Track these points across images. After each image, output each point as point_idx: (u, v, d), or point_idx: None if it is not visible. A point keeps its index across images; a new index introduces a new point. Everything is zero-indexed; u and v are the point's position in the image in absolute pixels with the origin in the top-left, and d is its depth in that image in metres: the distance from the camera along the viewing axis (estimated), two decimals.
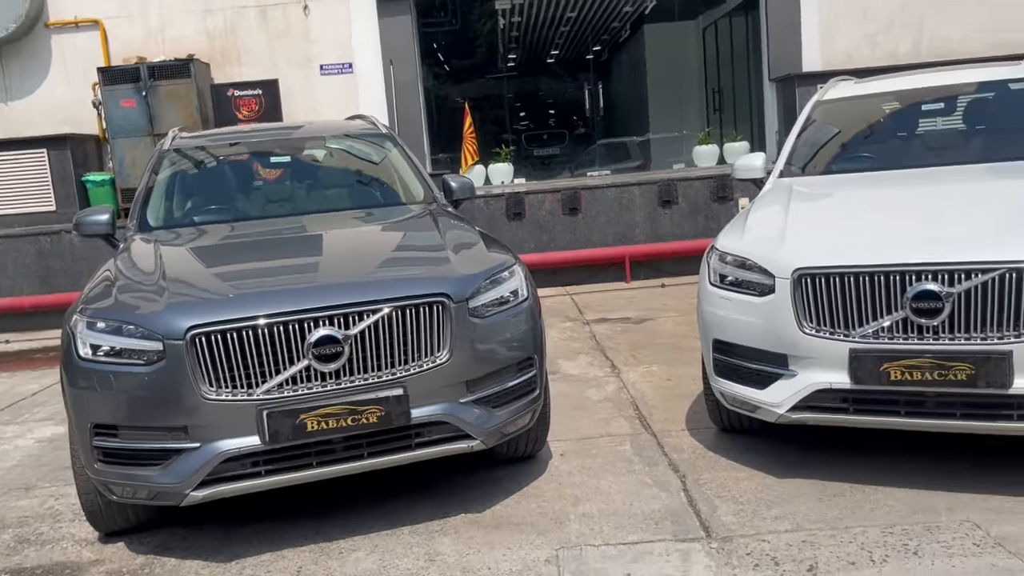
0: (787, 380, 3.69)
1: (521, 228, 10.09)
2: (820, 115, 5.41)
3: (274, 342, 3.28)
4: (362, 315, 3.35)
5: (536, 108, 19.23)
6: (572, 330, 7.53)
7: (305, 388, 3.31)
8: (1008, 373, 3.24)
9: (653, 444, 4.46)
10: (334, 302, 3.33)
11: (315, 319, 3.31)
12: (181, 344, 3.24)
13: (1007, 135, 4.86)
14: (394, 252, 4.00)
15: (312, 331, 3.30)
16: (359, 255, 3.92)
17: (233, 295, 3.45)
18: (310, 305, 3.32)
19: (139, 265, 3.92)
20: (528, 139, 17.92)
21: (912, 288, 3.37)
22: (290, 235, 4.37)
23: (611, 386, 5.63)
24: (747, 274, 3.87)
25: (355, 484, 3.90)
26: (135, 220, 4.61)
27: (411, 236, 4.30)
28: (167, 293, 3.47)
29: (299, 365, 3.30)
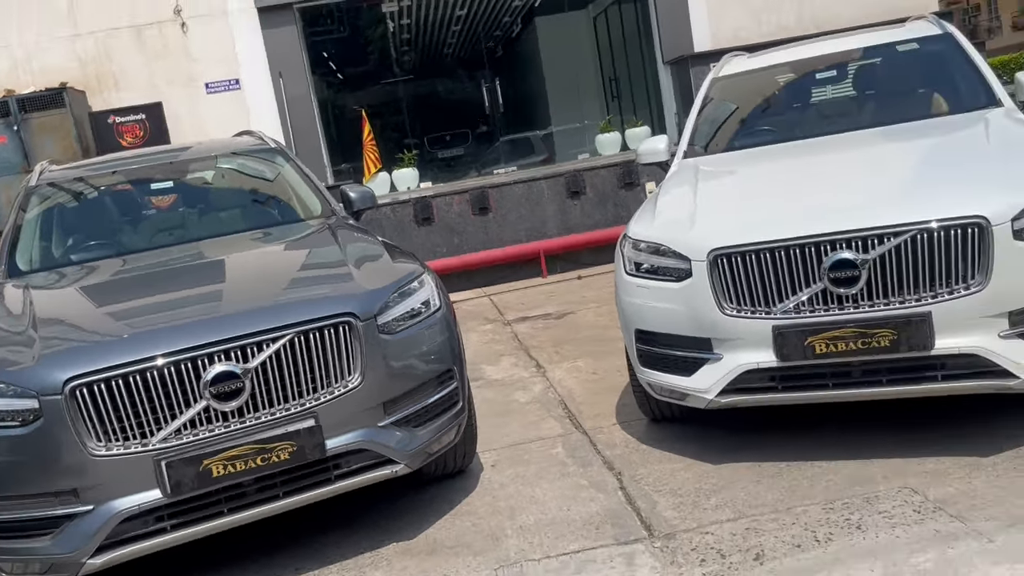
0: (713, 364, 3.60)
1: (432, 233, 9.87)
2: (717, 92, 5.38)
3: (166, 384, 3.01)
4: (261, 345, 3.10)
5: (436, 110, 18.97)
6: (493, 332, 7.36)
7: (206, 431, 3.04)
8: (929, 334, 3.21)
9: (585, 443, 4.33)
10: (228, 335, 3.07)
11: (209, 355, 3.04)
12: (59, 399, 2.93)
13: (898, 97, 4.92)
14: (292, 273, 3.73)
15: (207, 368, 3.03)
16: (254, 280, 3.65)
17: (113, 338, 3.15)
18: (201, 340, 3.05)
19: (6, 314, 3.56)
20: (431, 142, 17.64)
21: (828, 258, 3.31)
22: (176, 265, 4.05)
23: (538, 386, 5.48)
24: (662, 260, 3.76)
25: (277, 523, 3.64)
26: (2, 266, 4.21)
27: (310, 254, 4.05)
28: (38, 342, 3.14)
29: (197, 407, 3.03)
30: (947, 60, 4.77)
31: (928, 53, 4.88)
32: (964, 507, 3.05)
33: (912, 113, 4.58)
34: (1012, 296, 3.19)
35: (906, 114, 4.56)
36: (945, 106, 4.58)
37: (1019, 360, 3.20)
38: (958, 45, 4.79)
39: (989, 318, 3.20)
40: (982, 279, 3.18)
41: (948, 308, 3.20)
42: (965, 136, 3.97)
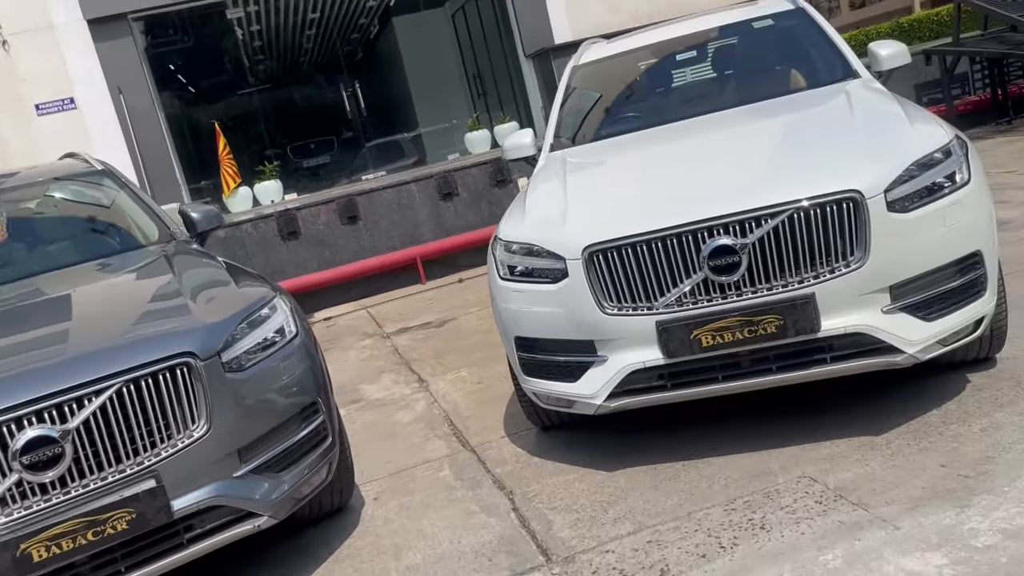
0: (599, 367, 3.38)
1: (299, 247, 9.36)
2: (579, 81, 5.19)
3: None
4: (81, 401, 2.66)
5: (298, 118, 18.27)
6: (372, 347, 6.98)
7: (21, 508, 2.58)
8: (815, 317, 3.09)
9: (474, 462, 4.04)
10: (39, 392, 2.62)
11: (17, 419, 2.58)
12: None
13: (758, 75, 4.85)
14: (118, 312, 3.21)
15: (16, 435, 2.56)
16: (73, 324, 3.16)
17: None
18: (7, 403, 2.58)
19: None
20: (294, 151, 16.96)
21: (706, 246, 3.14)
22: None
23: (421, 403, 5.16)
24: (536, 261, 3.52)
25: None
26: None
27: (139, 288, 3.56)
28: None
29: (7, 481, 2.56)
30: (802, 35, 4.74)
31: (783, 29, 4.84)
32: (865, 492, 2.94)
33: (773, 90, 4.50)
34: (892, 270, 3.10)
35: (768, 91, 4.48)
36: (805, 81, 4.53)
37: (903, 335, 3.12)
38: (811, 19, 4.76)
39: (871, 294, 3.11)
40: (861, 255, 3.08)
41: (831, 288, 3.08)
42: (830, 110, 3.90)
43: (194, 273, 3.50)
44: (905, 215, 3.11)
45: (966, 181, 3.23)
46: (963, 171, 3.25)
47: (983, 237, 3.24)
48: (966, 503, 2.74)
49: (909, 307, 3.14)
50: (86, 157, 4.81)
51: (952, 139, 3.33)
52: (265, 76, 18.30)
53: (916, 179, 3.17)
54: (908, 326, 3.13)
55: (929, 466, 3.02)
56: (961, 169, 3.25)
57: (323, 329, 8.29)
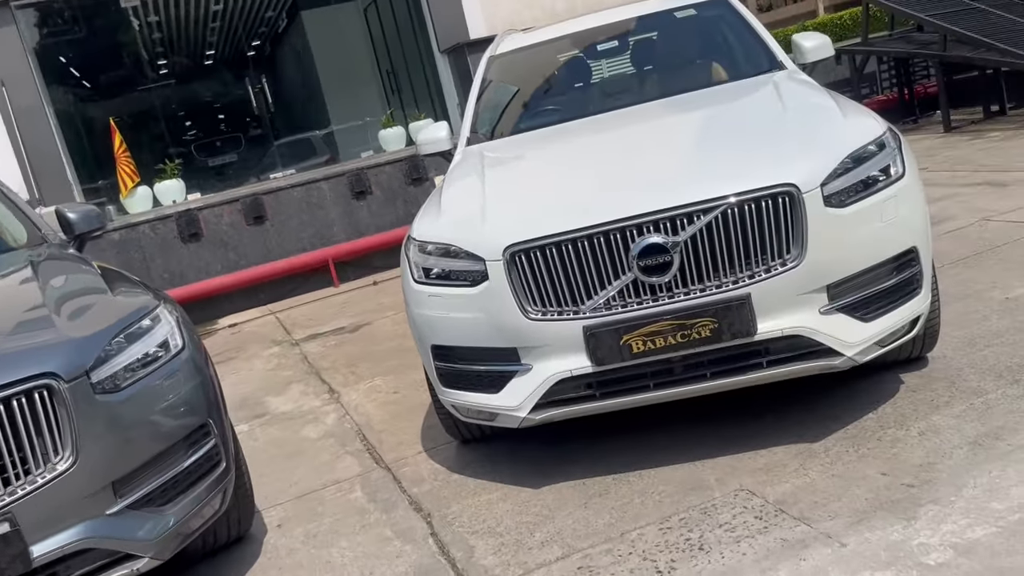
0: (522, 377, 3.12)
1: (202, 249, 8.83)
2: (496, 72, 4.93)
3: None
4: None
5: (203, 115, 17.46)
6: (280, 356, 6.57)
7: None
8: (750, 319, 2.90)
9: (388, 481, 3.73)
10: None
11: None
12: None
13: (682, 66, 4.69)
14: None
15: None
16: None
17: None
18: None
19: None
20: (199, 149, 16.20)
21: (636, 244, 2.92)
22: None
23: (331, 416, 4.81)
24: (454, 263, 3.23)
25: None
26: None
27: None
28: None
29: None
30: (726, 25, 4.59)
31: (706, 19, 4.68)
32: (806, 505, 2.76)
33: (699, 81, 4.34)
34: (829, 268, 2.94)
35: (693, 82, 4.31)
36: (730, 72, 4.37)
37: (841, 336, 2.96)
38: (734, 10, 4.61)
39: (809, 294, 2.94)
40: (798, 253, 2.90)
41: (767, 288, 2.90)
42: (759, 101, 3.74)
43: (63, 281, 3.08)
44: (841, 210, 2.95)
45: (901, 174, 3.10)
46: (898, 164, 3.12)
47: (919, 233, 3.12)
48: (912, 515, 2.58)
49: (847, 307, 2.99)
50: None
51: (885, 131, 3.19)
52: (167, 71, 17.43)
53: (851, 172, 3.02)
54: (846, 327, 2.97)
55: (870, 474, 2.86)
56: (895, 162, 3.12)
57: (227, 337, 7.81)
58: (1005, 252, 4.83)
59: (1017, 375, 3.30)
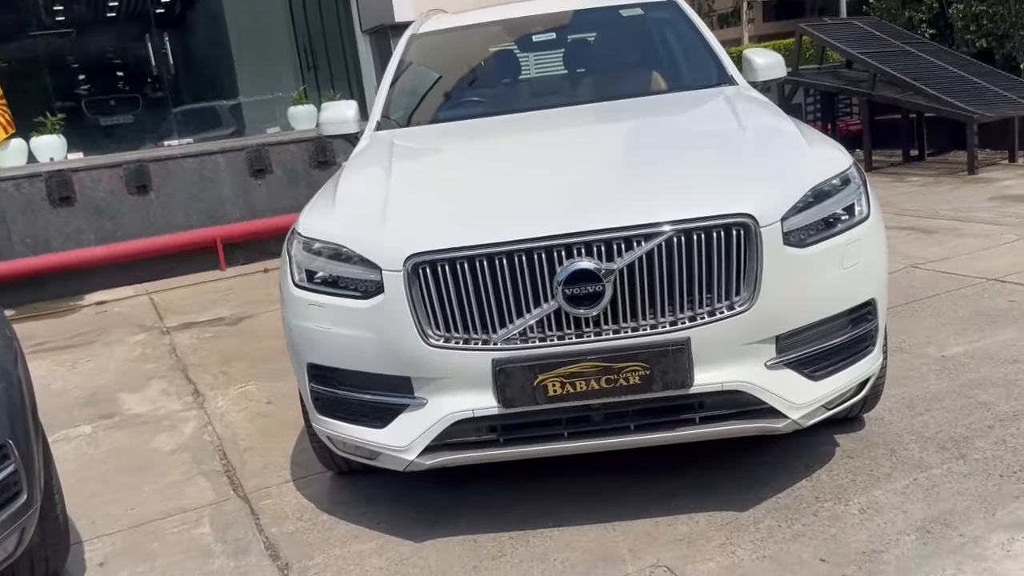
0: (414, 412, 2.61)
1: (73, 216, 7.94)
2: (417, 53, 4.40)
3: None
4: None
5: (99, 70, 16.16)
6: (146, 344, 5.84)
7: None
8: (687, 368, 2.46)
9: (244, 515, 3.15)
10: None
11: None
12: None
13: (625, 68, 4.25)
14: None
15: None
16: None
17: None
18: None
19: None
20: (90, 106, 14.95)
21: (563, 268, 2.44)
22: None
23: (191, 425, 4.17)
24: (344, 268, 2.69)
25: None
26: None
27: None
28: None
29: None
30: (674, 30, 4.18)
31: (653, 20, 4.27)
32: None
33: (640, 87, 3.92)
34: (781, 316, 2.54)
35: (634, 88, 3.89)
36: (674, 81, 3.97)
37: (787, 396, 2.56)
38: (684, 14, 4.21)
39: (755, 344, 2.53)
40: (748, 296, 2.49)
41: (709, 333, 2.48)
42: (712, 117, 3.33)
43: None
44: (801, 250, 2.55)
45: (865, 215, 2.72)
46: (863, 203, 2.75)
47: (878, 283, 2.76)
48: None
49: (796, 363, 2.59)
50: None
51: (851, 165, 2.82)
52: (64, 19, 16.06)
53: (813, 208, 2.62)
54: (793, 385, 2.58)
55: (806, 559, 2.47)
56: (860, 201, 2.74)
57: (91, 316, 6.99)
58: (936, 305, 4.59)
59: (962, 448, 2.99)
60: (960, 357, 3.81)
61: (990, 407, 3.28)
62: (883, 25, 10.77)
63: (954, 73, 9.17)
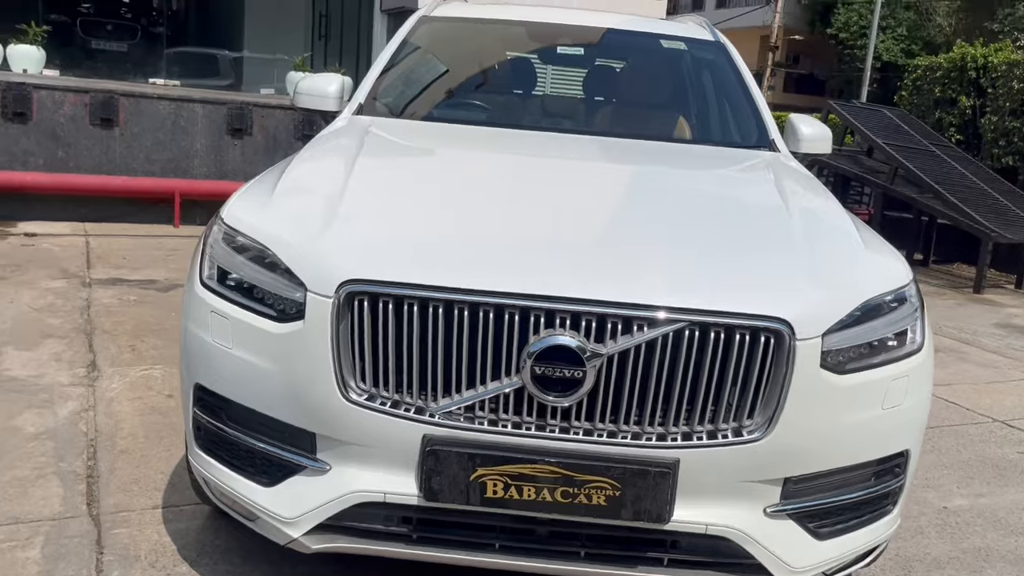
0: (312, 478, 2.03)
1: (25, 135, 7.25)
2: (424, 38, 3.83)
3: None
4: None
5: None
6: (59, 294, 5.18)
7: None
8: (668, 498, 1.91)
9: (87, 545, 2.54)
10: None
11: None
12: None
13: (658, 106, 3.71)
14: None
15: None
16: None
17: None
18: None
19: None
20: (86, 26, 14.20)
21: (539, 339, 1.88)
22: None
23: (71, 405, 3.54)
24: (263, 276, 2.10)
25: None
26: None
27: None
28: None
29: None
30: (718, 75, 3.64)
31: (696, 60, 3.73)
32: None
33: (670, 130, 3.38)
34: (798, 454, 1.99)
35: (663, 129, 3.35)
36: (708, 132, 3.45)
37: (783, 555, 2.01)
38: (731, 59, 3.68)
39: (758, 483, 1.98)
40: (763, 421, 1.94)
41: (704, 458, 1.93)
42: (752, 188, 2.78)
43: None
44: (840, 377, 2.01)
45: (918, 347, 2.19)
46: (916, 331, 2.21)
47: (917, 432, 2.23)
48: None
49: (801, 514, 2.05)
50: None
51: (911, 281, 2.28)
52: None
53: (861, 327, 2.08)
54: (793, 543, 2.03)
55: None
56: (915, 328, 2.21)
57: (15, 248, 6.30)
58: (937, 439, 4.10)
59: None
60: (965, 514, 3.30)
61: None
62: (911, 120, 10.40)
63: (976, 185, 8.79)
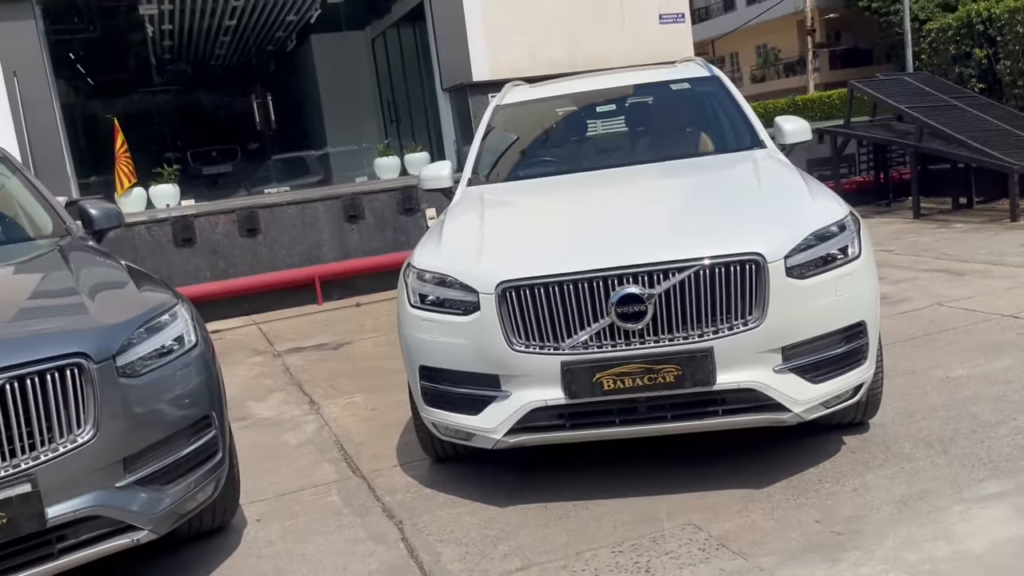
0: (501, 402, 3.42)
1: (194, 255, 9.07)
2: (500, 120, 5.29)
3: None
4: None
5: (202, 123, 17.76)
6: (262, 365, 6.80)
7: None
8: (711, 370, 3.22)
9: (364, 489, 3.99)
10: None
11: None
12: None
13: (670, 134, 5.08)
14: (9, 304, 3.08)
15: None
16: None
17: None
18: None
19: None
20: (195, 157, 16.43)
21: (615, 293, 3.24)
22: None
23: (311, 426, 5.06)
24: (449, 292, 3.54)
25: None
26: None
27: (30, 281, 3.38)
28: None
29: None
30: (716, 101, 4.99)
31: (698, 94, 5.09)
32: (745, 543, 3.07)
33: (685, 150, 4.73)
34: (785, 332, 3.28)
35: (680, 151, 4.70)
36: (714, 145, 4.77)
37: (791, 394, 3.29)
38: (725, 88, 5.03)
39: (765, 353, 3.27)
40: (759, 315, 3.25)
41: (728, 344, 3.23)
42: (737, 175, 4.12)
43: (92, 271, 3.35)
44: (801, 281, 3.30)
45: (857, 255, 3.46)
46: (855, 246, 3.49)
47: (868, 308, 3.48)
48: (837, 558, 2.89)
49: (798, 368, 3.32)
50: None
51: (847, 215, 3.57)
52: (173, 77, 17.74)
53: (813, 248, 3.38)
54: (796, 387, 3.31)
55: (805, 520, 3.17)
56: (853, 244, 3.48)
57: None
58: (952, 336, 5.22)
59: (946, 447, 3.65)
60: (962, 379, 4.45)
61: (977, 416, 3.93)
62: (933, 80, 11.36)
63: (999, 127, 9.71)
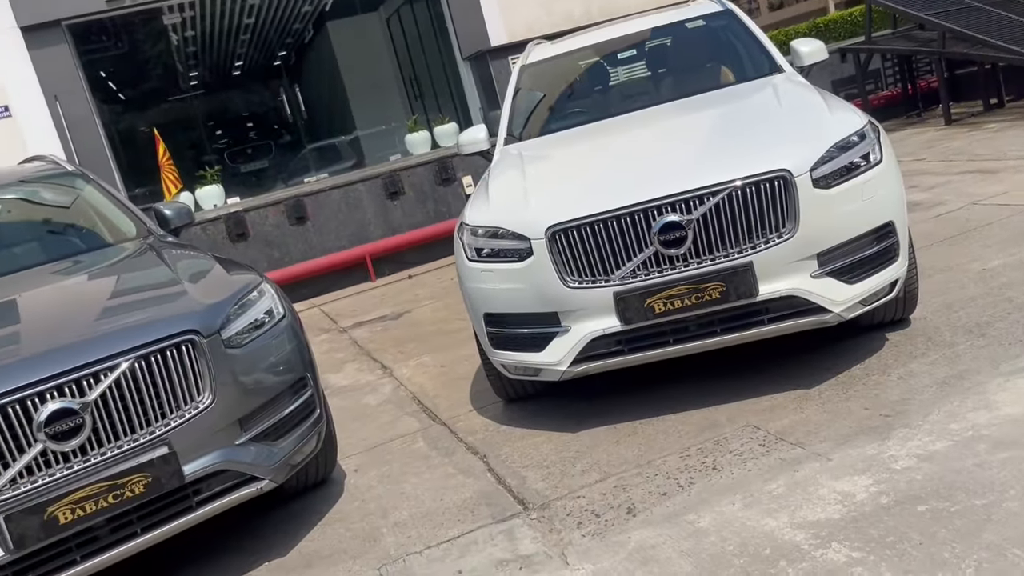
0: (563, 337, 3.73)
1: (249, 248, 9.49)
2: (527, 80, 5.54)
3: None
4: (98, 376, 2.88)
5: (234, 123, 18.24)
6: (331, 340, 7.21)
7: (46, 475, 2.80)
8: (753, 282, 3.49)
9: (446, 433, 4.35)
10: (59, 368, 2.84)
11: (39, 393, 2.80)
12: None
13: (692, 71, 5.28)
14: (119, 298, 3.48)
15: (40, 408, 2.78)
16: (75, 311, 3.37)
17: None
18: (28, 379, 2.79)
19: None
20: (232, 156, 16.93)
21: (656, 222, 3.51)
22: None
23: (387, 387, 5.44)
24: (502, 242, 3.85)
25: (132, 562, 3.40)
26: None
27: (134, 276, 3.78)
28: None
29: (32, 451, 2.78)
30: (731, 34, 5.18)
31: (713, 29, 5.28)
32: (801, 434, 3.35)
33: (707, 84, 4.93)
34: (818, 239, 3.52)
35: (702, 85, 4.91)
36: (734, 76, 4.97)
37: (830, 296, 3.54)
38: (739, 20, 5.21)
39: (801, 261, 3.52)
40: (792, 227, 3.49)
41: (766, 256, 3.49)
42: (759, 101, 4.34)
43: (185, 262, 3.74)
44: (828, 190, 3.54)
45: (879, 161, 3.68)
46: (876, 152, 3.70)
47: (895, 209, 3.70)
48: (886, 436, 3.16)
49: (834, 272, 3.57)
50: (56, 159, 4.96)
51: (866, 124, 3.78)
52: (200, 82, 18.20)
53: (836, 159, 3.61)
54: (834, 289, 3.56)
55: (855, 409, 3.45)
56: (874, 150, 3.70)
57: None
58: (987, 231, 5.38)
59: (984, 330, 3.87)
60: (998, 268, 4.64)
61: (1013, 300, 4.14)
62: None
63: (1021, 21, 9.64)
